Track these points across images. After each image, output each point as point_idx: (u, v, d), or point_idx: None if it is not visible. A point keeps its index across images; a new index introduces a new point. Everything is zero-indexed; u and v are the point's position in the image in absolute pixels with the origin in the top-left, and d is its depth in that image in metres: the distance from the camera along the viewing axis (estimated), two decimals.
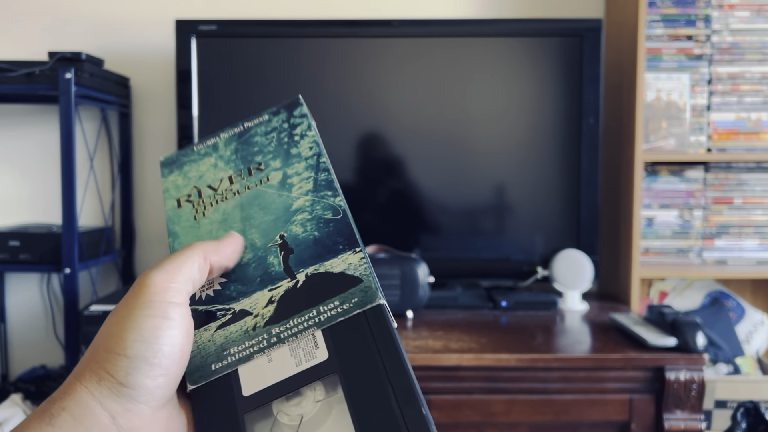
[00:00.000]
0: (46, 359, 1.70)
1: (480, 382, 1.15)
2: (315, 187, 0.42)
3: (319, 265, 0.38)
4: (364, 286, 0.37)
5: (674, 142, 1.52)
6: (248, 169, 0.45)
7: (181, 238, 0.43)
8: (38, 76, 1.38)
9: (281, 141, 0.46)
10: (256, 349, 0.36)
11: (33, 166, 1.70)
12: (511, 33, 1.51)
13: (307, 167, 0.44)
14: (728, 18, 1.52)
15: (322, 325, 0.36)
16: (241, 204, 0.43)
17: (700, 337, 1.14)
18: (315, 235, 0.40)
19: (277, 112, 0.48)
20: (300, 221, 0.41)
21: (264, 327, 0.37)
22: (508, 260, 1.52)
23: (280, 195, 0.43)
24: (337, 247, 0.39)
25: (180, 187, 0.46)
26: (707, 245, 1.56)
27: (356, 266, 0.38)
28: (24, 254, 1.43)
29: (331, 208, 0.41)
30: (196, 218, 0.43)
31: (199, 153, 0.48)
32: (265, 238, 0.41)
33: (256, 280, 0.39)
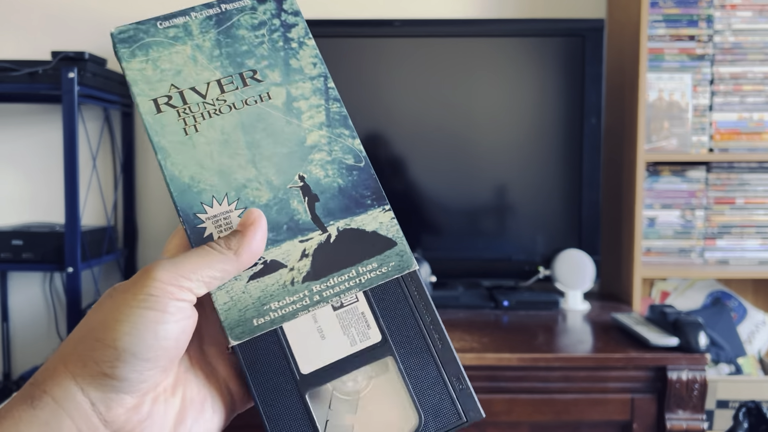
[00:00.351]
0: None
1: (481, 382, 1.15)
2: (328, 120, 0.39)
3: (350, 219, 0.37)
4: (399, 249, 0.37)
5: (676, 142, 1.53)
6: (240, 76, 0.39)
7: (173, 157, 0.37)
8: (41, 76, 1.38)
9: (275, 44, 0.40)
10: (299, 306, 0.36)
11: (36, 165, 1.70)
12: (513, 33, 1.51)
13: (314, 91, 0.39)
14: (730, 18, 1.52)
15: (363, 286, 0.36)
16: (242, 124, 0.38)
17: (702, 337, 1.14)
18: (339, 183, 0.38)
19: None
20: (319, 162, 0.38)
21: (303, 283, 0.36)
22: (510, 260, 1.52)
23: (289, 122, 0.38)
24: (365, 201, 0.38)
25: (152, 82, 0.38)
26: (709, 245, 1.56)
27: (388, 226, 0.38)
28: (27, 253, 1.43)
29: (352, 152, 0.39)
30: (187, 132, 0.37)
31: (166, 34, 0.39)
32: (283, 177, 0.38)
33: (283, 227, 0.37)
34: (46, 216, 1.70)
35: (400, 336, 0.36)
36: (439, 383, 0.35)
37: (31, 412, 0.31)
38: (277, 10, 0.40)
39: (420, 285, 0.37)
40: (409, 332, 0.36)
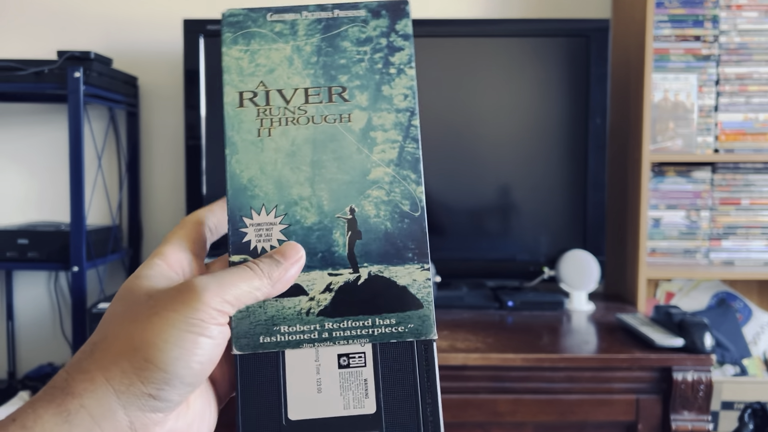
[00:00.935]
0: (54, 357, 1.71)
1: (486, 382, 1.15)
2: (399, 159, 0.38)
3: (385, 267, 0.36)
4: (423, 314, 0.36)
5: (681, 142, 1.52)
6: (329, 91, 0.38)
7: (240, 155, 0.37)
8: (47, 75, 1.39)
9: (374, 65, 0.38)
10: (306, 338, 0.35)
11: (41, 164, 1.71)
12: (517, 33, 1.51)
13: (396, 124, 0.38)
14: (736, 18, 1.52)
15: (374, 339, 0.36)
16: (314, 140, 0.37)
17: (708, 338, 1.14)
18: (386, 227, 0.37)
19: (377, 13, 0.39)
20: (374, 200, 0.37)
21: (317, 316, 0.36)
22: (514, 260, 1.52)
23: (360, 151, 0.37)
24: (406, 254, 0.37)
25: (244, 74, 0.39)
26: (714, 246, 1.56)
27: (420, 286, 0.36)
28: (32, 252, 1.44)
29: (410, 199, 0.37)
30: (260, 134, 0.37)
31: (272, 28, 0.39)
32: (334, 204, 0.37)
33: (318, 255, 0.36)
34: (52, 215, 1.71)
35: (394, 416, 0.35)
36: None
37: (65, 427, 0.29)
38: (388, 29, 0.39)
39: (432, 358, 0.35)
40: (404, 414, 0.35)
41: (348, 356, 0.35)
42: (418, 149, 0.38)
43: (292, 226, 0.37)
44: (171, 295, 0.32)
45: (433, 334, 0.36)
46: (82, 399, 0.30)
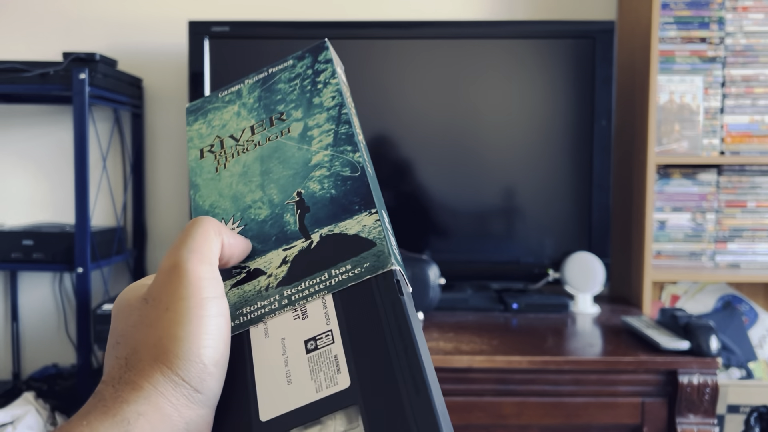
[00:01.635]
0: (58, 358, 1.71)
1: (491, 384, 1.15)
2: (335, 141, 0.41)
3: (334, 225, 0.37)
4: (377, 250, 0.35)
5: (687, 144, 1.52)
6: (270, 119, 0.44)
7: (201, 191, 0.42)
8: (52, 77, 1.39)
9: (304, 89, 0.44)
10: (267, 311, 0.35)
11: (46, 166, 1.71)
12: (523, 35, 1.51)
13: (328, 119, 0.42)
14: (742, 20, 1.51)
15: (332, 289, 0.35)
16: (261, 157, 0.42)
17: (714, 341, 1.13)
18: (332, 194, 0.39)
19: (302, 56, 0.46)
20: (318, 177, 0.40)
21: (276, 288, 0.36)
22: (519, 262, 1.52)
23: (300, 148, 0.42)
24: (352, 207, 0.38)
25: (203, 137, 0.45)
26: (720, 248, 1.55)
27: (370, 228, 0.36)
28: (37, 253, 1.44)
29: (350, 165, 0.40)
30: (218, 170, 0.43)
31: (223, 100, 0.47)
32: (283, 195, 0.40)
33: (272, 238, 0.38)
34: (57, 216, 1.71)
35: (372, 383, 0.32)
36: None
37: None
38: (311, 62, 0.46)
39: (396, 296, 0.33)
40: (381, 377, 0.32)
41: (315, 339, 0.34)
42: (351, 128, 0.41)
43: (248, 225, 0.40)
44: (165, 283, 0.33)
45: (390, 265, 0.34)
46: (138, 406, 0.30)
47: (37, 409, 1.36)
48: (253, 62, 1.52)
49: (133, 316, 0.33)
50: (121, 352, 0.32)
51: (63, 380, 1.54)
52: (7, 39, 1.70)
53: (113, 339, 0.34)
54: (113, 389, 0.31)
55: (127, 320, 0.33)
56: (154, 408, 0.30)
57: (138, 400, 0.30)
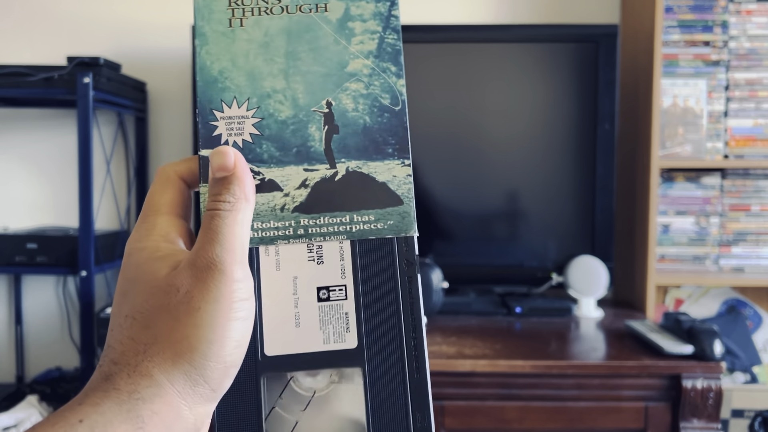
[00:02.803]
0: (62, 361, 1.71)
1: (494, 389, 1.15)
2: (378, 51, 0.36)
3: (363, 163, 0.35)
4: (403, 210, 0.35)
5: (690, 148, 1.51)
6: None
7: (210, 46, 0.36)
8: (57, 81, 1.39)
9: None
10: (280, 234, 0.34)
11: (50, 169, 1.71)
12: (526, 39, 1.51)
13: (375, 14, 0.36)
14: (746, 24, 1.51)
15: (352, 236, 0.34)
16: (288, 30, 0.36)
17: (718, 345, 1.13)
18: (365, 121, 0.35)
19: None
20: (352, 92, 0.36)
21: (292, 212, 0.34)
22: (522, 266, 1.52)
23: (337, 41, 0.36)
24: (386, 149, 0.35)
25: None
26: (724, 252, 1.55)
27: (400, 182, 0.35)
28: (41, 257, 1.44)
29: (391, 92, 0.36)
30: (231, 24, 0.36)
31: None
32: (310, 97, 0.35)
33: (293, 149, 0.35)
34: (60, 220, 1.71)
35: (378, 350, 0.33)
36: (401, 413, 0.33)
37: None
38: None
39: (413, 255, 0.34)
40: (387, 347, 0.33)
41: (328, 289, 0.34)
42: (399, 40, 0.36)
43: (265, 120, 0.35)
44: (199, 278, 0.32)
45: (413, 231, 0.34)
46: (153, 404, 0.30)
47: (40, 412, 1.36)
48: None
49: (157, 298, 0.32)
50: (138, 334, 0.31)
51: (66, 383, 1.54)
52: (12, 43, 1.71)
53: (126, 309, 0.32)
54: (128, 378, 0.30)
55: (149, 298, 0.32)
56: (169, 407, 0.30)
57: (154, 398, 0.30)
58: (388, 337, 0.33)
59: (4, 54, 1.70)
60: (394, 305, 0.33)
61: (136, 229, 0.35)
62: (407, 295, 0.34)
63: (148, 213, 0.35)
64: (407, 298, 0.34)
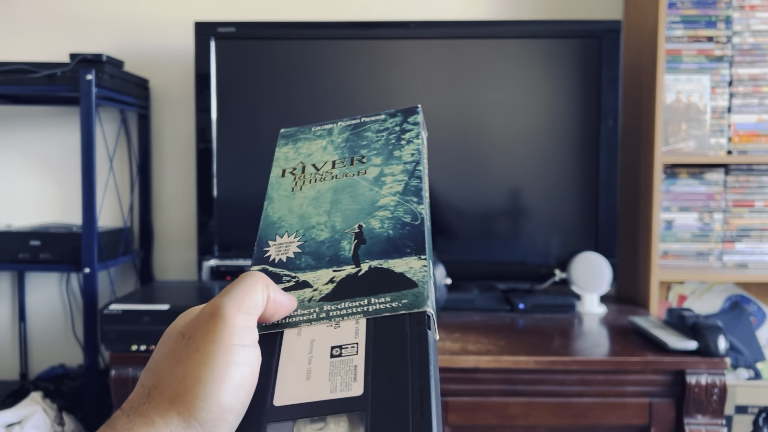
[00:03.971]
0: (65, 358, 1.71)
1: (498, 385, 1.15)
2: (404, 190, 0.45)
3: (384, 261, 0.41)
4: (417, 291, 0.38)
5: (694, 144, 1.51)
6: (351, 159, 0.49)
7: (274, 204, 0.47)
8: (59, 78, 1.39)
9: (388, 141, 0.49)
10: (303, 319, 0.39)
11: (53, 166, 1.72)
12: (528, 35, 1.51)
13: (403, 171, 0.47)
14: (749, 19, 1.50)
15: (368, 314, 0.38)
16: (335, 188, 0.47)
17: (722, 341, 1.12)
18: (389, 234, 0.42)
19: (394, 114, 0.52)
20: (380, 217, 0.44)
21: (318, 302, 0.39)
22: (525, 263, 1.52)
23: (371, 189, 0.46)
24: (405, 250, 0.41)
25: (289, 159, 0.50)
26: (727, 248, 1.54)
27: (416, 271, 0.40)
28: (44, 254, 1.44)
29: (411, 213, 0.43)
30: (293, 190, 0.47)
31: (315, 134, 0.52)
32: (345, 224, 0.44)
33: (326, 258, 0.42)
34: (64, 217, 1.72)
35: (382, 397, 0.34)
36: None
37: None
38: (401, 121, 0.51)
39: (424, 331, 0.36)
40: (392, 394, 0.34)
41: (341, 347, 0.36)
42: (422, 183, 0.45)
43: (307, 242, 0.43)
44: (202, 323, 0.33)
45: (426, 307, 0.37)
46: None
47: (44, 409, 1.36)
48: (259, 63, 1.53)
49: (167, 347, 0.34)
50: (147, 380, 0.33)
51: (70, 380, 1.54)
52: (15, 40, 1.70)
53: (148, 364, 0.35)
54: (127, 419, 0.32)
55: (162, 349, 0.35)
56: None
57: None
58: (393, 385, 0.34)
59: (7, 51, 1.70)
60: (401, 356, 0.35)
61: None
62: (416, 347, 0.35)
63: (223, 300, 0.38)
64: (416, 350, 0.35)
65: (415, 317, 0.37)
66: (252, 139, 1.54)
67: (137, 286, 1.71)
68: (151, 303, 1.28)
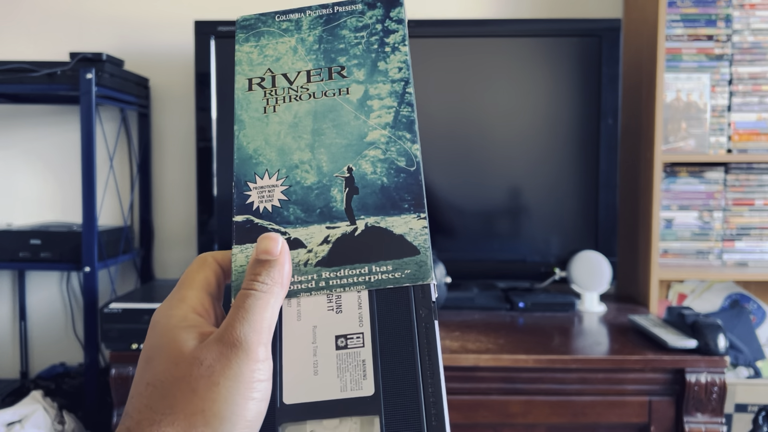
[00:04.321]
0: (66, 357, 1.72)
1: (497, 383, 1.15)
2: (394, 122, 0.40)
3: (381, 218, 0.38)
4: (420, 259, 0.36)
5: (694, 142, 1.51)
6: (329, 70, 0.42)
7: (247, 129, 0.41)
8: (60, 77, 1.39)
9: (370, 46, 0.42)
10: (303, 287, 0.36)
11: (54, 165, 1.72)
12: (528, 33, 1.51)
13: (391, 93, 0.41)
14: (749, 18, 1.50)
15: (370, 285, 0.36)
16: (314, 112, 0.41)
17: (722, 340, 1.13)
18: (383, 182, 0.39)
19: (374, 4, 0.44)
20: (371, 158, 0.40)
21: (315, 266, 0.37)
22: (525, 261, 1.52)
23: (357, 117, 0.41)
24: (402, 205, 0.38)
25: (254, 64, 0.43)
26: (727, 247, 1.54)
27: (417, 234, 0.37)
28: (45, 253, 1.45)
29: (406, 155, 0.40)
30: (266, 111, 0.41)
31: (279, 26, 0.44)
32: (333, 165, 0.40)
33: (316, 210, 0.39)
34: (64, 216, 1.72)
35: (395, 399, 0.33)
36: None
37: None
38: (382, 16, 0.43)
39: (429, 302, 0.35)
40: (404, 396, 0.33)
41: (346, 337, 0.35)
42: (413, 112, 0.40)
43: (292, 187, 0.39)
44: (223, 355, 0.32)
45: (429, 278, 0.36)
46: None
47: (44, 407, 1.36)
48: None
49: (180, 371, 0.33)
50: (156, 403, 0.32)
51: (70, 379, 1.54)
52: (14, 39, 1.71)
53: (148, 376, 0.33)
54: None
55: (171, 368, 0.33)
56: None
57: None
58: (405, 385, 0.34)
59: (7, 50, 1.70)
60: (411, 352, 0.34)
61: (167, 300, 0.36)
62: (424, 342, 0.34)
63: (181, 287, 0.37)
64: (424, 345, 0.34)
65: (420, 291, 0.35)
66: None
67: (137, 285, 1.71)
68: (151, 302, 1.28)
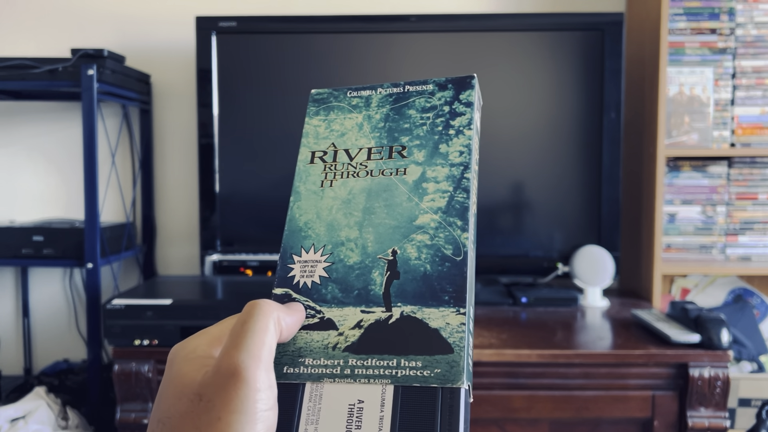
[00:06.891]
0: (69, 353, 1.72)
1: (500, 378, 1.15)
2: (447, 207, 0.39)
3: (418, 308, 0.36)
4: (452, 359, 0.34)
5: (697, 136, 1.51)
6: (390, 149, 0.42)
7: (302, 202, 0.41)
8: (61, 73, 1.39)
9: (434, 128, 0.42)
10: (327, 373, 0.35)
11: (56, 162, 1.72)
12: (531, 27, 1.50)
13: (448, 176, 0.40)
14: (753, 11, 1.50)
15: (396, 381, 0.34)
16: (369, 190, 0.41)
17: (725, 334, 1.12)
18: (426, 269, 0.37)
19: (444, 86, 0.43)
20: (417, 243, 0.38)
21: (343, 351, 0.36)
22: (528, 256, 1.52)
23: (410, 199, 0.40)
24: (442, 296, 0.36)
25: (319, 138, 0.44)
26: (730, 241, 1.54)
27: (453, 330, 0.35)
28: (47, 249, 1.45)
29: (454, 243, 0.38)
30: (323, 185, 0.41)
31: (350, 102, 0.45)
32: (378, 246, 0.39)
33: (354, 291, 0.37)
34: (66, 212, 1.72)
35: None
36: None
37: None
38: (452, 98, 0.43)
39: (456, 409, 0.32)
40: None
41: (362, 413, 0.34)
42: (468, 199, 0.39)
43: (335, 264, 0.39)
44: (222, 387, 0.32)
45: (460, 382, 0.33)
46: None
47: (48, 403, 1.36)
48: (260, 57, 1.52)
49: (184, 406, 0.32)
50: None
51: (74, 375, 1.55)
52: (16, 35, 1.70)
53: (158, 413, 0.33)
54: None
55: (176, 403, 0.33)
56: None
57: None
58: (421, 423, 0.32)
59: (9, 46, 1.70)
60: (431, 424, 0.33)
61: None
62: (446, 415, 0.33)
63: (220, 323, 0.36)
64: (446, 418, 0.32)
65: (449, 394, 0.33)
66: (254, 134, 1.53)
67: (140, 281, 1.71)
68: (153, 298, 1.28)
